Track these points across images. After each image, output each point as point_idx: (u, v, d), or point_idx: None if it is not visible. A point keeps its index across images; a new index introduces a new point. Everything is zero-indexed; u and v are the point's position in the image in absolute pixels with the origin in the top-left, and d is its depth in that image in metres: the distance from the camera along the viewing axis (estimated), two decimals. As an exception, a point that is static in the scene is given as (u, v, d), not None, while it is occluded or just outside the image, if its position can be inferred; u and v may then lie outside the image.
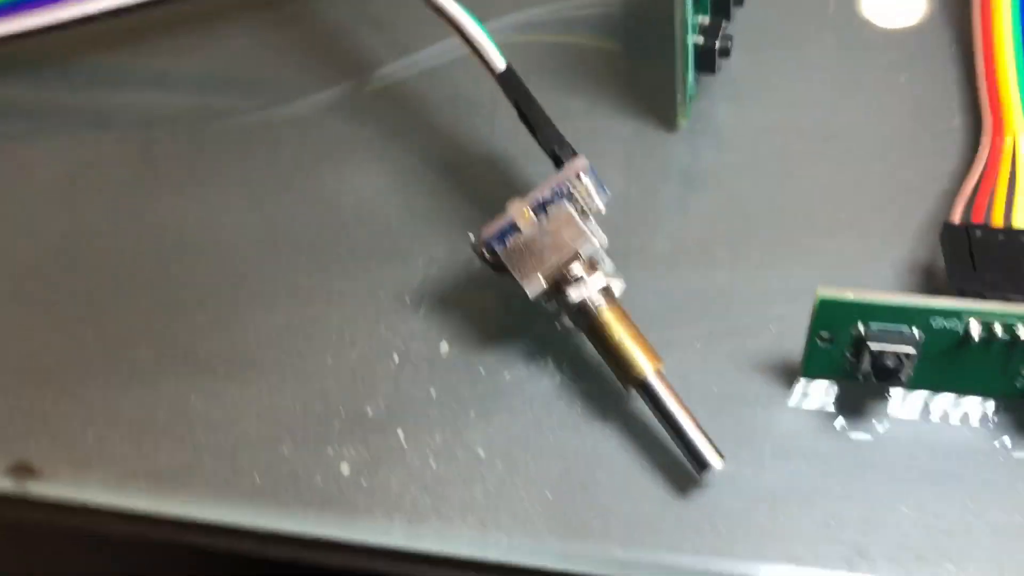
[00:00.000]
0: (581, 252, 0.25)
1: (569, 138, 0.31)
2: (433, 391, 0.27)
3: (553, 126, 0.26)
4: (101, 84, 0.36)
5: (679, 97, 0.30)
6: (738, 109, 0.31)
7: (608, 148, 0.31)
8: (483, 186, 0.31)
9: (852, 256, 0.28)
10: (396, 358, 0.28)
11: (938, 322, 0.24)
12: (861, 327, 0.24)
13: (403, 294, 0.29)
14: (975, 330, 0.23)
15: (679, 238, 0.29)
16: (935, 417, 0.25)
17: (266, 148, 0.33)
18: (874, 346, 0.24)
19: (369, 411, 0.27)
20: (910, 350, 0.23)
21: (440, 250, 0.30)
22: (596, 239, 0.25)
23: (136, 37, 0.36)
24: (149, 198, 0.32)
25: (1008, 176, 0.27)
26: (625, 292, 0.28)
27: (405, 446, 0.27)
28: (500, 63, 0.27)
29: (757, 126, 0.31)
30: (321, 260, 0.30)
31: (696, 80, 0.31)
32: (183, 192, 0.32)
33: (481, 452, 0.26)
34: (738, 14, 0.32)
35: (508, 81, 0.26)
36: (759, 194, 0.30)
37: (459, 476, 0.26)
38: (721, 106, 0.32)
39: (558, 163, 0.26)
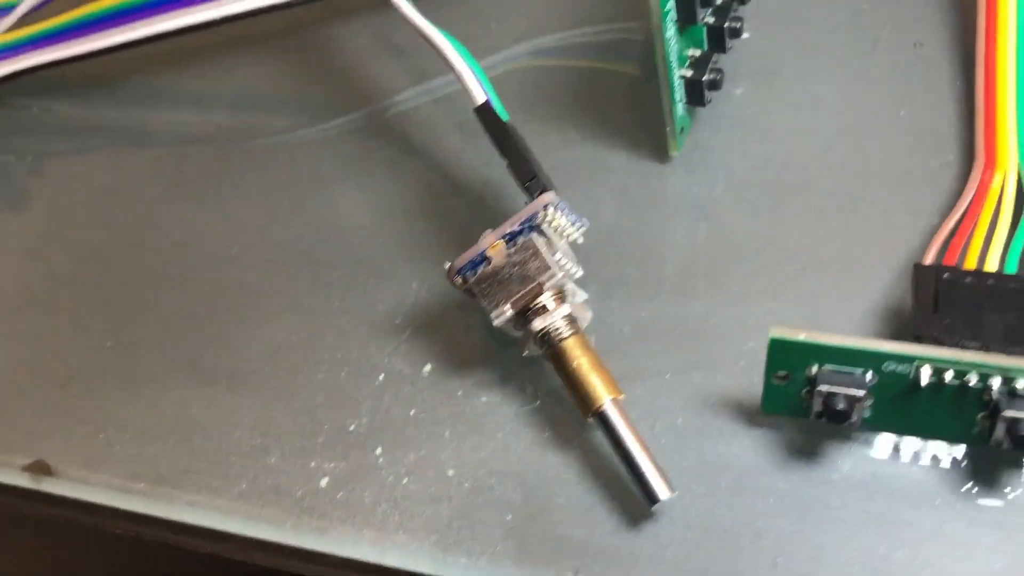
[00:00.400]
0: (545, 284, 0.26)
1: (565, 166, 0.32)
2: (412, 410, 0.29)
3: (526, 160, 0.27)
4: (144, 104, 0.38)
5: (668, 129, 0.30)
6: (736, 140, 0.32)
7: (601, 177, 0.32)
8: (484, 211, 0.32)
9: (830, 293, 0.28)
10: (382, 377, 0.29)
11: (889, 366, 0.24)
12: (814, 368, 0.24)
13: (395, 315, 0.30)
14: (925, 377, 0.23)
15: (662, 269, 0.30)
16: (896, 459, 0.25)
17: (286, 167, 0.35)
18: (824, 388, 0.24)
19: (352, 427, 0.29)
20: (859, 393, 0.24)
21: (434, 273, 0.31)
22: (562, 272, 0.26)
23: (178, 60, 0.38)
24: (176, 213, 0.34)
25: (990, 217, 0.27)
26: (603, 321, 0.29)
27: (381, 462, 0.28)
28: (479, 96, 0.28)
29: (752, 158, 0.31)
30: (323, 278, 0.32)
31: (689, 111, 0.31)
32: (206, 208, 0.34)
33: (451, 472, 0.27)
34: (745, 45, 0.33)
35: (485, 114, 0.27)
36: (745, 227, 0.30)
37: (428, 494, 0.27)
38: (719, 136, 0.32)
39: (531, 196, 0.27)
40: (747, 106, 0.32)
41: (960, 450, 0.25)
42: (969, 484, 0.25)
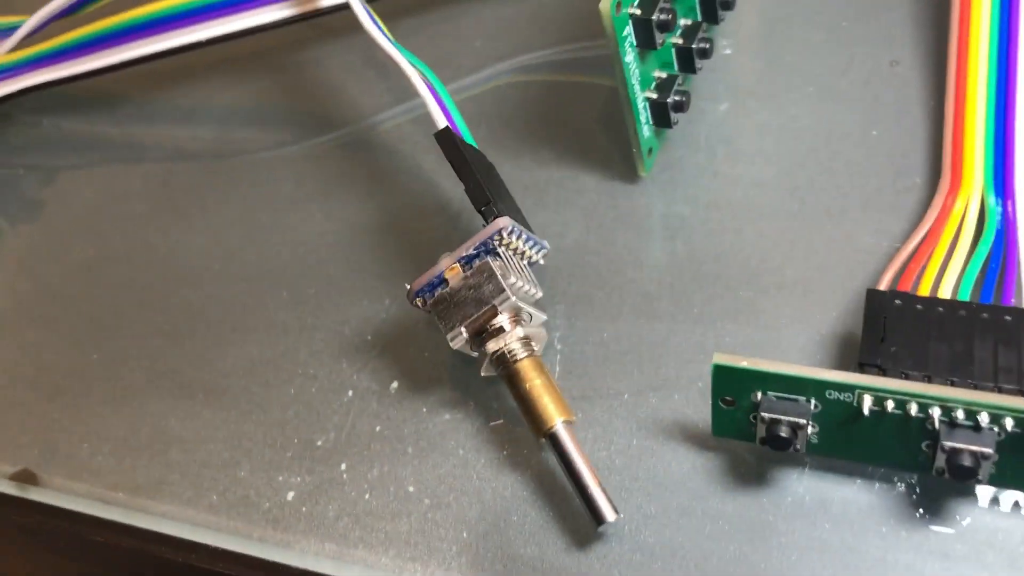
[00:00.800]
0: (499, 307, 0.26)
1: (538, 185, 0.32)
2: (378, 427, 0.29)
3: (481, 186, 0.27)
4: (139, 120, 0.39)
5: (635, 151, 0.30)
6: (707, 160, 0.32)
7: (572, 197, 0.32)
8: (461, 230, 0.32)
9: (788, 316, 0.28)
10: (350, 393, 0.30)
11: (832, 394, 0.24)
12: (758, 395, 0.24)
13: (366, 332, 0.31)
14: (866, 406, 0.23)
15: (626, 289, 0.30)
16: (848, 483, 0.25)
17: (267, 184, 0.36)
18: (767, 415, 0.24)
19: (319, 442, 0.29)
20: (802, 421, 0.24)
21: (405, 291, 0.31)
22: (515, 295, 0.27)
23: (172, 77, 0.39)
24: (162, 230, 0.35)
25: (949, 242, 0.27)
26: (566, 340, 0.29)
27: (345, 477, 0.29)
28: (440, 121, 0.28)
29: (721, 178, 0.31)
30: (299, 294, 0.32)
31: (659, 132, 0.31)
32: (191, 225, 0.35)
33: (411, 488, 0.28)
34: (726, 62, 0.33)
35: (444, 140, 0.28)
36: (709, 248, 0.30)
37: (388, 510, 0.28)
38: (691, 156, 0.32)
39: (485, 220, 0.27)
40: (721, 125, 0.32)
41: (914, 476, 0.25)
42: (920, 511, 0.25)
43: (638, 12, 0.27)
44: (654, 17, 0.28)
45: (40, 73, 0.38)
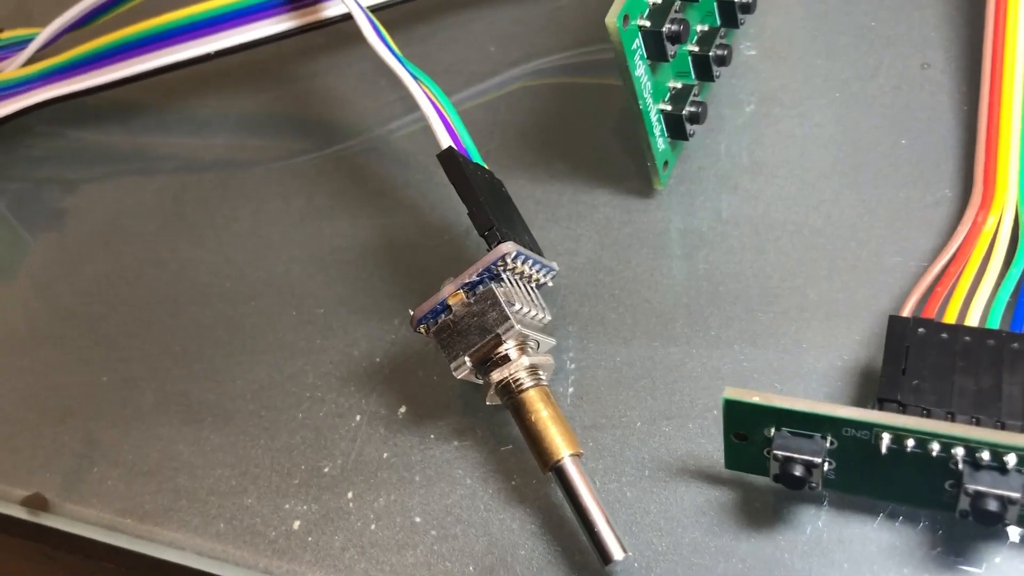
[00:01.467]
0: (503, 336, 0.25)
1: (550, 199, 0.31)
2: (385, 453, 0.29)
3: (484, 210, 0.26)
4: (151, 131, 0.39)
5: (650, 164, 0.29)
6: (726, 173, 0.30)
7: (585, 211, 0.31)
8: (471, 247, 0.31)
9: (810, 340, 0.27)
10: (358, 418, 0.29)
11: (849, 432, 0.22)
12: (772, 430, 0.23)
13: (375, 354, 0.30)
14: (884, 443, 0.22)
15: (640, 309, 0.29)
16: (868, 521, 0.24)
17: (278, 199, 0.35)
18: (780, 453, 0.23)
19: (326, 469, 0.29)
20: (816, 459, 0.23)
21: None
22: (520, 324, 0.26)
23: (185, 87, 0.39)
24: (173, 247, 0.35)
25: (979, 262, 0.25)
26: (579, 364, 0.28)
27: (352, 506, 0.28)
28: (443, 141, 0.27)
29: (741, 192, 0.30)
30: (307, 314, 0.32)
31: (674, 144, 0.30)
32: (201, 243, 0.35)
33: (418, 519, 0.27)
34: (746, 66, 0.31)
35: (447, 161, 0.27)
36: (727, 267, 0.29)
37: (394, 541, 0.27)
38: (709, 168, 0.31)
39: (489, 245, 0.26)
40: (742, 134, 0.31)
41: (935, 514, 0.24)
42: (945, 549, 0.24)
43: (647, 24, 0.26)
44: (664, 29, 0.26)
45: (55, 87, 0.38)
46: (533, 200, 0.31)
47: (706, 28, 0.29)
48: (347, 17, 0.32)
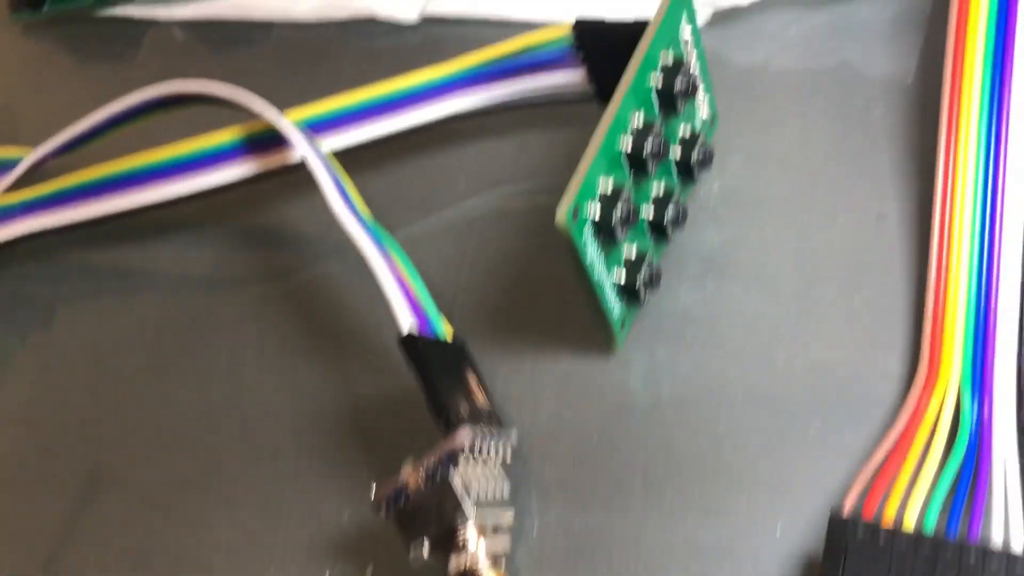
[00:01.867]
0: (459, 525, 0.26)
1: (515, 350, 0.32)
2: (354, 616, 0.29)
3: (441, 396, 0.27)
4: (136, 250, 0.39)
5: (607, 329, 0.30)
6: (682, 335, 0.31)
7: (548, 366, 0.31)
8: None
9: (760, 520, 0.28)
10: (327, 573, 0.30)
11: (787, 643, 0.23)
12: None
13: (343, 510, 0.31)
14: (820, 659, 0.23)
15: (597, 474, 0.30)
16: None
17: (254, 335, 0.36)
18: (721, 659, 0.24)
19: (295, 633, 0.30)
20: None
21: (389, 465, 0.31)
22: (478, 508, 0.26)
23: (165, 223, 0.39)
24: (153, 386, 0.36)
25: (920, 452, 0.26)
26: (534, 530, 0.29)
27: None
28: (403, 326, 0.28)
29: (696, 350, 0.31)
30: (279, 465, 0.33)
31: (629, 307, 0.31)
32: (181, 380, 0.35)
33: None
34: (707, 224, 0.32)
35: (407, 349, 0.27)
36: (683, 430, 0.29)
37: None
38: (669, 328, 0.31)
39: (443, 431, 0.27)
40: (695, 301, 0.31)
41: None
42: None
43: (597, 219, 0.27)
44: (614, 220, 0.27)
45: (39, 218, 0.38)
46: (498, 352, 0.32)
47: (660, 195, 0.30)
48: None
